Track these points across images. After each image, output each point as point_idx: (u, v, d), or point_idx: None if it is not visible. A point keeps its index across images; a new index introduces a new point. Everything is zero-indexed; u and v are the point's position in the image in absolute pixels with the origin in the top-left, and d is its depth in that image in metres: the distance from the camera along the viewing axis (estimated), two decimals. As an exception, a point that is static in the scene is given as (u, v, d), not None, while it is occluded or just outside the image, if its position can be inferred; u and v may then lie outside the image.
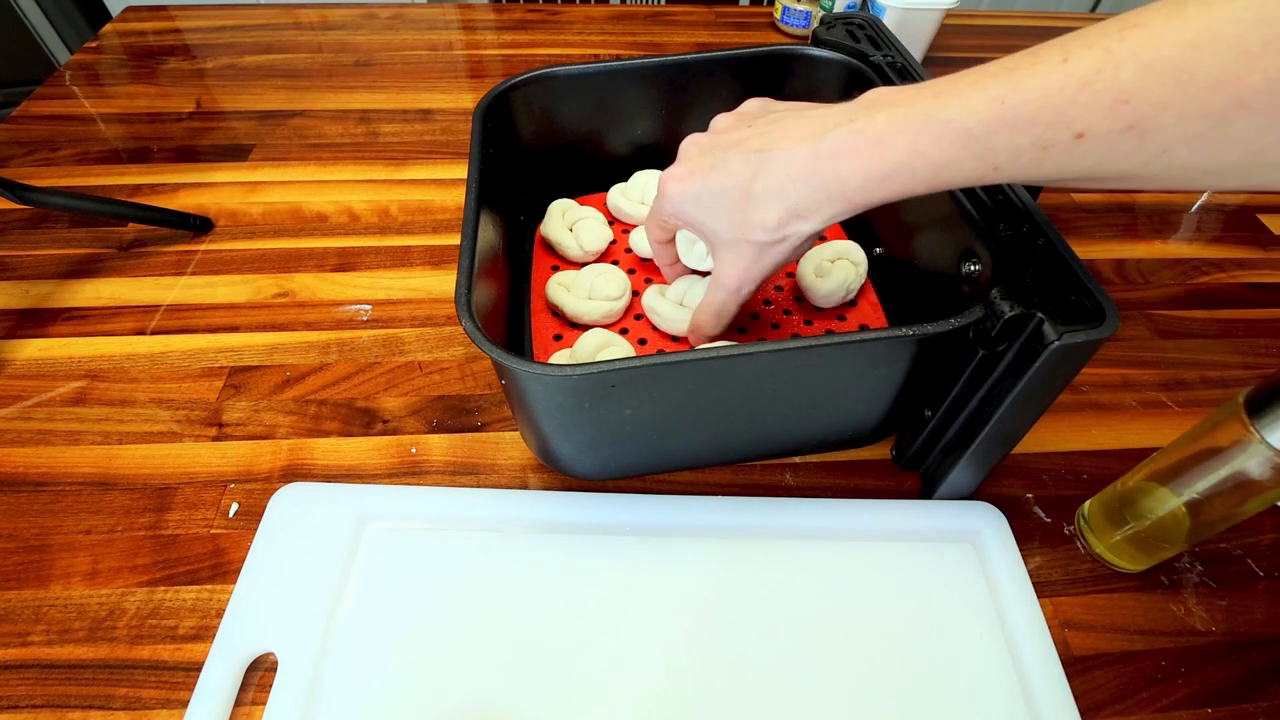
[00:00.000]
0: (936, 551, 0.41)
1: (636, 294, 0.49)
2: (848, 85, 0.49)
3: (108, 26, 0.85)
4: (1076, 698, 0.35)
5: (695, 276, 0.46)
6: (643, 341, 0.46)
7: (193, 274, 0.55)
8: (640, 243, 0.50)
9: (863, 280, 0.48)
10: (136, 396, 0.47)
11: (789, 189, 0.32)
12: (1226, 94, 0.22)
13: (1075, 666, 0.37)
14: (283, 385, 0.48)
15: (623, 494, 0.42)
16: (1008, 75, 0.26)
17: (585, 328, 0.47)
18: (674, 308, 0.45)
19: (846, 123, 0.30)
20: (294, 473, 0.44)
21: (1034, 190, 0.39)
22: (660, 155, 0.55)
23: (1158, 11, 0.23)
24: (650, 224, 0.41)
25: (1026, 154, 0.26)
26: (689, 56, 0.50)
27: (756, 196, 0.32)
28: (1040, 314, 0.31)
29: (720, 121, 0.37)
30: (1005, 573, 0.39)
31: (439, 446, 0.45)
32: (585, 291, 0.46)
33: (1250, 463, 0.32)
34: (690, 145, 0.36)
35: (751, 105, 0.37)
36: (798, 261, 0.49)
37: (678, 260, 0.45)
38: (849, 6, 0.84)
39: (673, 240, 0.43)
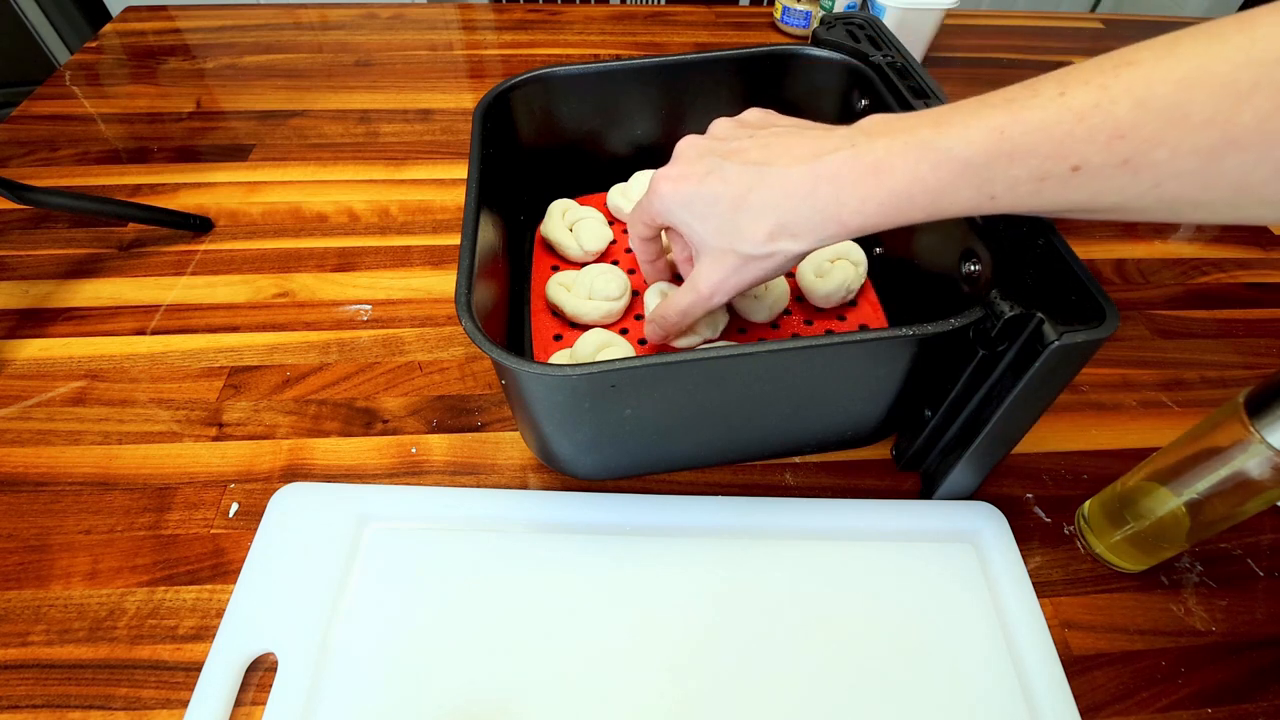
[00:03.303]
0: (936, 551, 0.41)
1: (637, 294, 0.49)
2: (848, 85, 0.49)
3: (108, 26, 0.85)
4: (1076, 698, 0.35)
5: None
6: (642, 341, 0.46)
7: (193, 274, 0.55)
8: (640, 243, 0.50)
9: (863, 280, 0.48)
10: (136, 396, 0.47)
11: (783, 206, 0.31)
12: (1217, 132, 0.23)
13: (1075, 666, 0.37)
14: (283, 385, 0.48)
15: (623, 494, 0.42)
16: (1006, 106, 0.26)
17: (585, 328, 0.47)
18: None
19: (847, 146, 0.30)
20: (294, 473, 0.44)
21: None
22: (660, 155, 0.54)
23: (1151, 50, 0.24)
24: (635, 219, 0.40)
25: (1024, 185, 0.27)
26: (689, 56, 0.50)
27: (750, 208, 0.32)
28: (1040, 314, 0.31)
29: (720, 127, 0.37)
30: (1005, 573, 0.39)
31: (439, 446, 0.45)
32: (585, 292, 0.46)
33: (1250, 463, 0.32)
34: (687, 147, 0.36)
35: (753, 115, 0.37)
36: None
37: (659, 256, 0.44)
38: (849, 6, 0.84)
39: (656, 238, 0.42)
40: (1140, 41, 0.25)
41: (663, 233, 0.42)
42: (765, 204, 0.32)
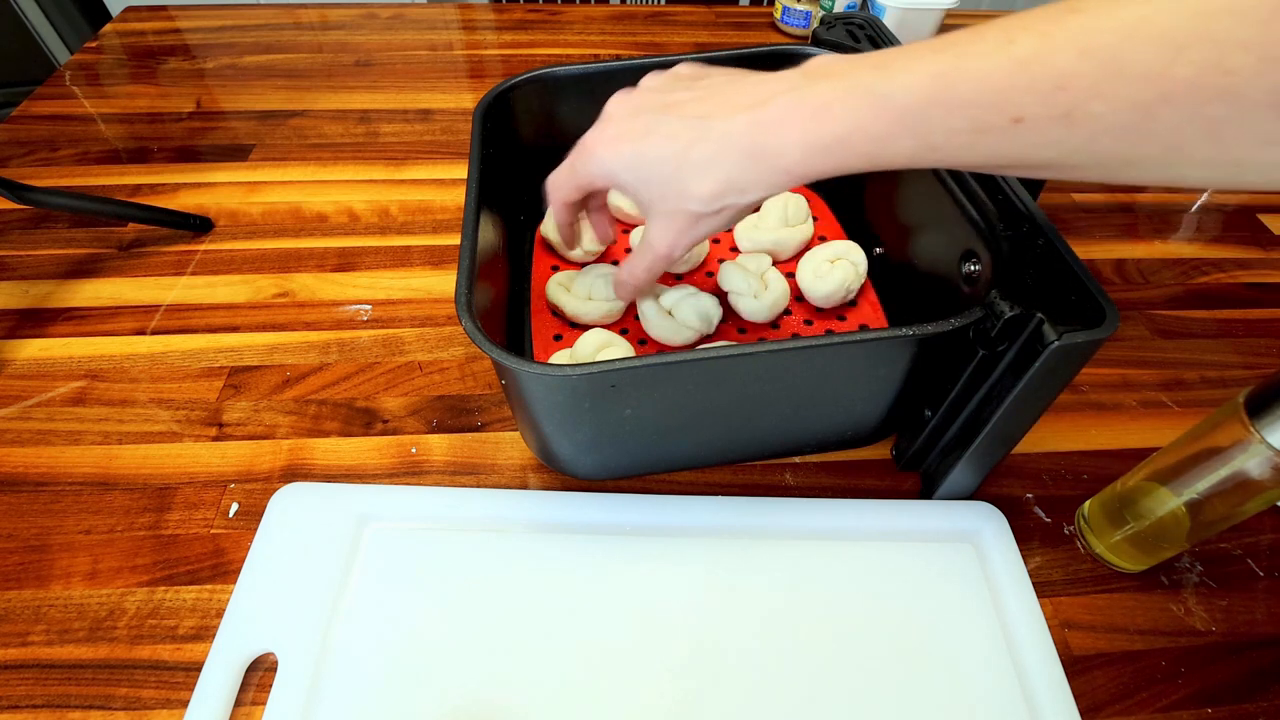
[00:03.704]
0: (936, 551, 0.41)
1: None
2: (848, 85, 0.49)
3: (108, 26, 0.85)
4: (1076, 698, 0.35)
5: (690, 288, 0.46)
6: (642, 342, 0.46)
7: (193, 274, 0.55)
8: (640, 243, 0.50)
9: (863, 280, 0.48)
10: (136, 396, 0.47)
11: (727, 160, 0.30)
12: (1154, 86, 0.22)
13: (1075, 666, 0.37)
14: (283, 385, 0.48)
15: (623, 494, 0.42)
16: (948, 51, 0.25)
17: (585, 328, 0.47)
18: (662, 315, 0.45)
19: (788, 90, 0.29)
20: (294, 473, 0.44)
21: (1034, 190, 0.39)
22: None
23: None
24: (561, 183, 0.38)
25: (962, 136, 0.26)
26: (689, 57, 0.50)
27: (693, 165, 0.31)
28: (1040, 314, 0.31)
29: (652, 79, 0.35)
30: (1005, 573, 0.39)
31: (439, 446, 0.45)
32: (585, 292, 0.46)
33: (1250, 463, 0.32)
34: (617, 106, 0.34)
35: (685, 68, 0.35)
36: (796, 262, 0.49)
37: (577, 222, 0.43)
38: (849, 6, 0.84)
39: (579, 203, 0.41)
40: None
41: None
42: (709, 159, 0.31)
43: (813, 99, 0.28)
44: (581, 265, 0.51)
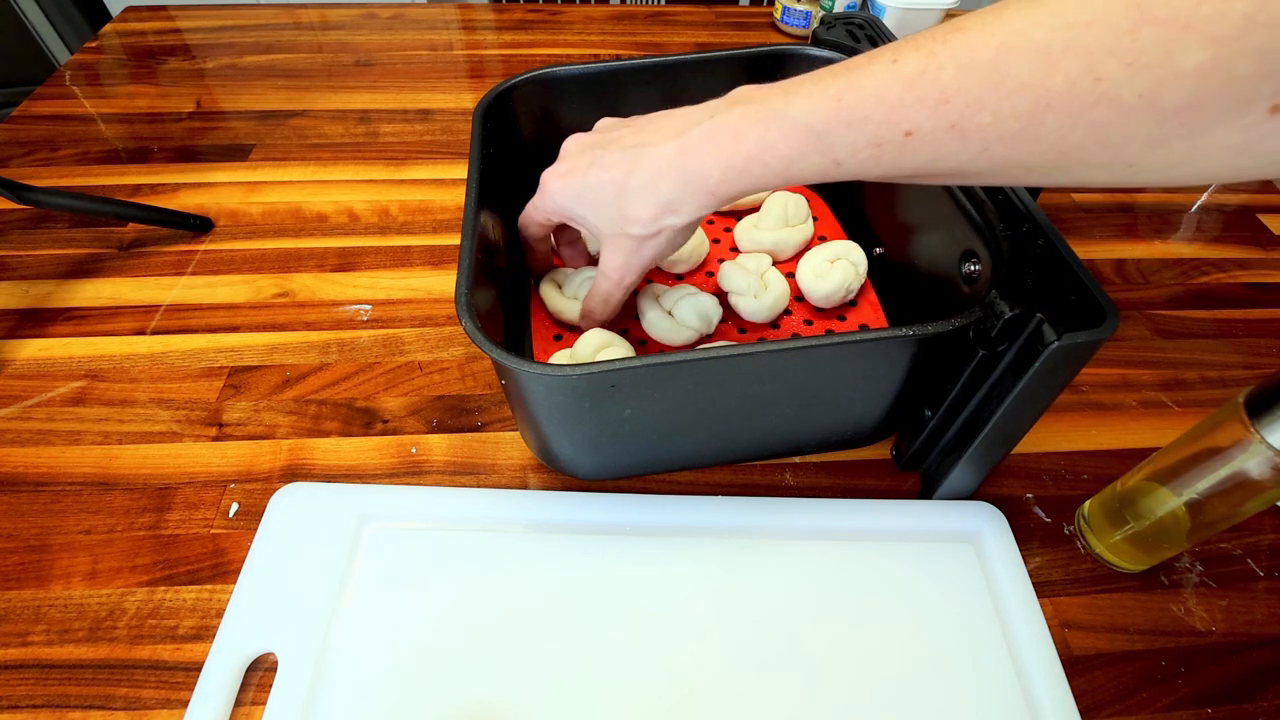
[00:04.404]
0: (936, 551, 0.41)
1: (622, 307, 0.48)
2: (848, 85, 0.49)
3: (108, 26, 0.85)
4: (1076, 698, 0.35)
5: (690, 288, 0.46)
6: (642, 342, 0.46)
7: (193, 274, 0.55)
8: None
9: (863, 280, 0.48)
10: (136, 396, 0.47)
11: (659, 183, 0.33)
12: (1033, 95, 0.23)
13: (1075, 666, 0.37)
14: (283, 385, 0.48)
15: (623, 494, 0.42)
16: (845, 75, 0.27)
17: (575, 327, 0.47)
18: (662, 315, 0.45)
19: (708, 119, 0.31)
20: (294, 473, 0.44)
21: (1034, 190, 0.39)
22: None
23: (979, 16, 0.25)
24: (529, 219, 0.42)
25: (863, 150, 0.27)
26: (689, 56, 0.50)
27: (631, 192, 0.34)
28: (1040, 314, 0.31)
29: (603, 122, 0.38)
30: (1005, 573, 0.39)
31: (439, 446, 0.45)
32: (574, 292, 0.46)
33: (1250, 463, 0.32)
34: (571, 144, 0.38)
35: (637, 117, 0.38)
36: (796, 262, 0.49)
37: (547, 252, 0.47)
38: (849, 6, 0.84)
39: (547, 236, 0.45)
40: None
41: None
42: (644, 184, 0.33)
43: (728, 124, 0.31)
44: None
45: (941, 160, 0.26)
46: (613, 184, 0.34)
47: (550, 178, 0.38)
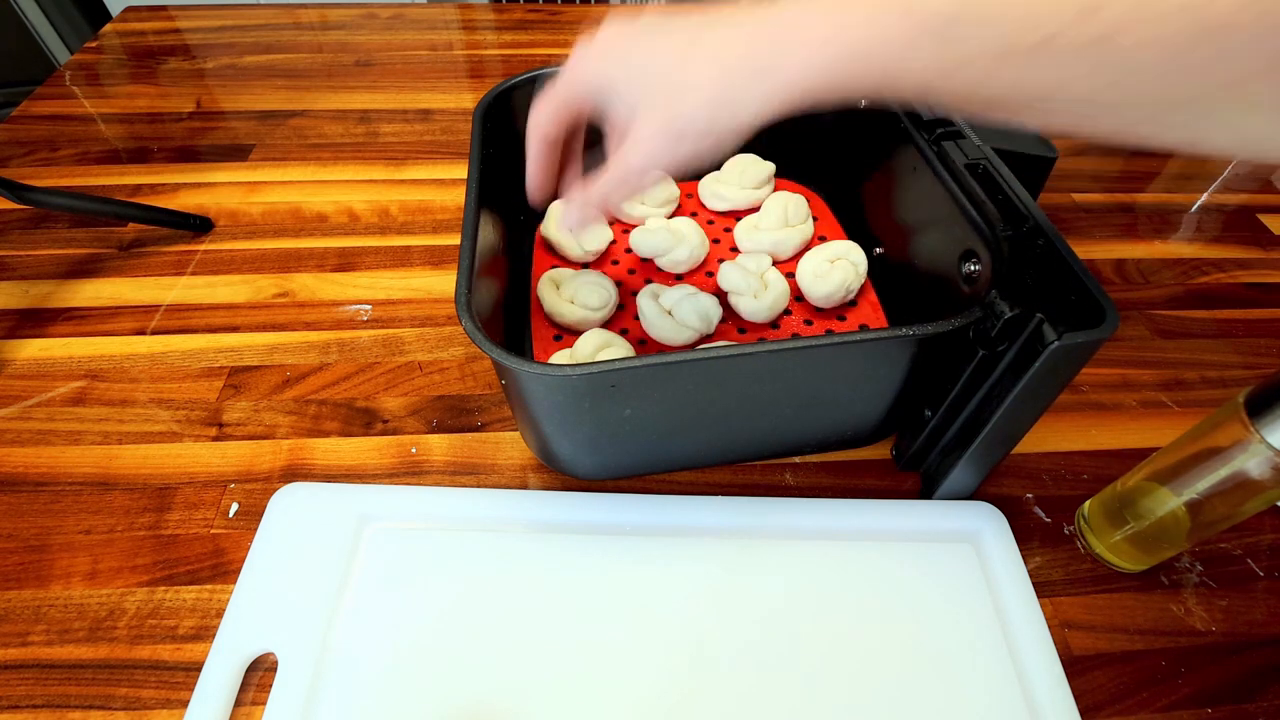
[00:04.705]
0: (936, 551, 0.41)
1: (622, 306, 0.48)
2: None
3: (108, 26, 0.85)
4: (1076, 698, 0.35)
5: (690, 288, 0.46)
6: (642, 342, 0.46)
7: (193, 274, 0.55)
8: (640, 243, 0.50)
9: (863, 280, 0.48)
10: (136, 396, 0.47)
11: (724, 68, 0.28)
12: (1190, 17, 0.20)
13: (1075, 666, 0.37)
14: (283, 385, 0.48)
15: (623, 494, 0.42)
16: None
17: (569, 329, 0.47)
18: (662, 315, 0.45)
19: (790, 11, 0.26)
20: (294, 473, 0.43)
21: (1034, 190, 0.39)
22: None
23: None
24: (541, 110, 0.34)
25: (984, 59, 0.24)
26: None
27: (686, 75, 0.28)
28: (1040, 314, 0.31)
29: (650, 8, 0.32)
30: (1005, 573, 0.39)
31: (439, 446, 0.45)
32: (570, 295, 0.46)
33: (1250, 463, 0.32)
34: (609, 25, 0.32)
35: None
36: (796, 262, 0.49)
37: (555, 164, 0.38)
38: (849, 6, 0.84)
39: (560, 138, 0.36)
40: None
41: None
42: (702, 69, 0.28)
43: (829, 2, 0.26)
44: (582, 265, 0.51)
45: (1064, 86, 0.23)
46: (663, 69, 0.29)
47: (583, 57, 0.32)
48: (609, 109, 0.31)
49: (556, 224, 0.51)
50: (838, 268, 0.47)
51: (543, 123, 0.35)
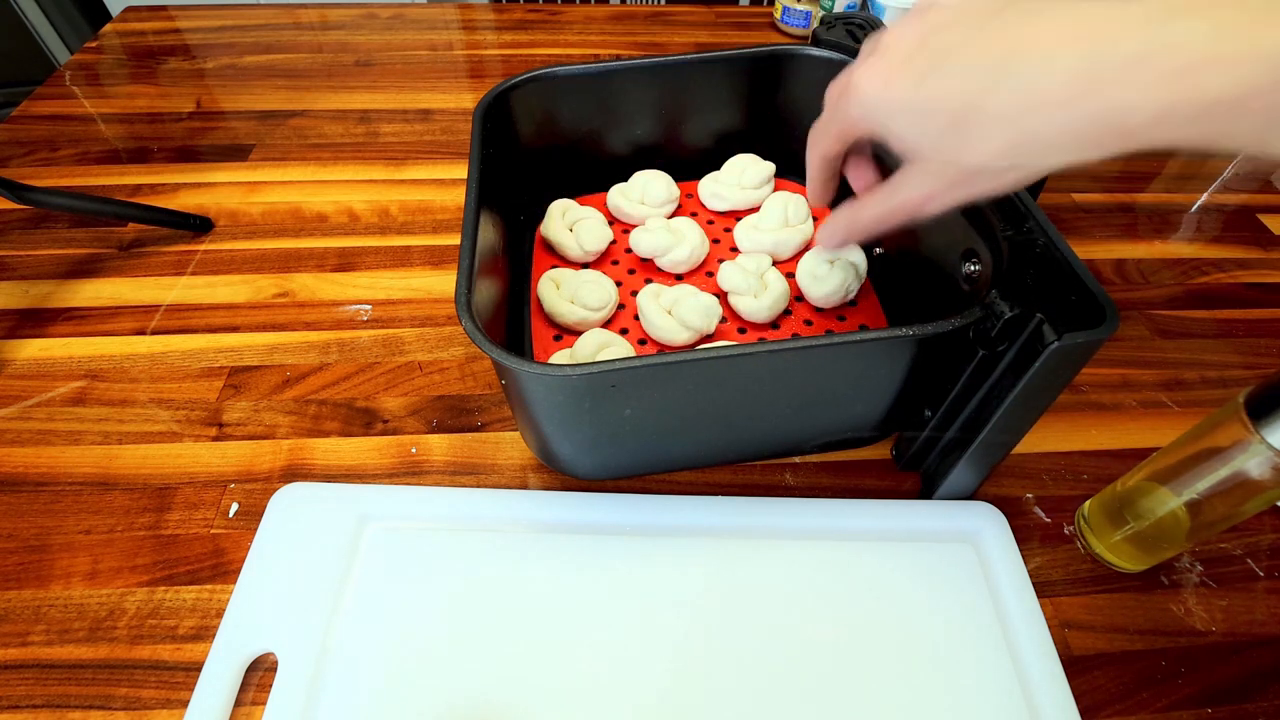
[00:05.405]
0: (936, 551, 0.41)
1: (623, 306, 0.49)
2: (848, 85, 0.49)
3: (108, 26, 0.85)
4: (1076, 698, 0.35)
5: (690, 288, 0.46)
6: (642, 342, 0.46)
7: (193, 274, 0.55)
8: (640, 242, 0.50)
9: (862, 280, 0.48)
10: (136, 396, 0.47)
11: (1035, 113, 0.24)
12: None
13: (1075, 666, 0.37)
14: (283, 385, 0.48)
15: (623, 494, 0.42)
16: None
17: (568, 329, 0.47)
18: (662, 315, 0.45)
19: (1139, 29, 0.21)
20: (294, 473, 0.44)
21: (1034, 190, 0.39)
22: (660, 155, 0.55)
23: None
24: (822, 133, 0.33)
25: None
26: (689, 56, 0.50)
27: (984, 116, 0.25)
28: (1040, 314, 0.31)
29: (937, 10, 0.27)
30: (1005, 573, 0.39)
31: (439, 446, 0.45)
32: (570, 295, 0.46)
33: (1250, 463, 0.32)
34: (895, 39, 0.28)
35: None
36: (796, 262, 0.49)
37: (836, 178, 0.36)
38: (849, 6, 0.84)
39: (840, 155, 0.34)
40: None
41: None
42: (1004, 113, 0.24)
43: (1181, 54, 0.20)
44: (582, 265, 0.51)
45: None
46: (960, 100, 0.25)
47: (865, 78, 0.28)
48: (889, 139, 0.29)
49: (555, 224, 0.51)
50: (837, 268, 0.47)
51: (820, 142, 0.33)
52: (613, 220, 0.54)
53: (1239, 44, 0.20)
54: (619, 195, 0.54)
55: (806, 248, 0.51)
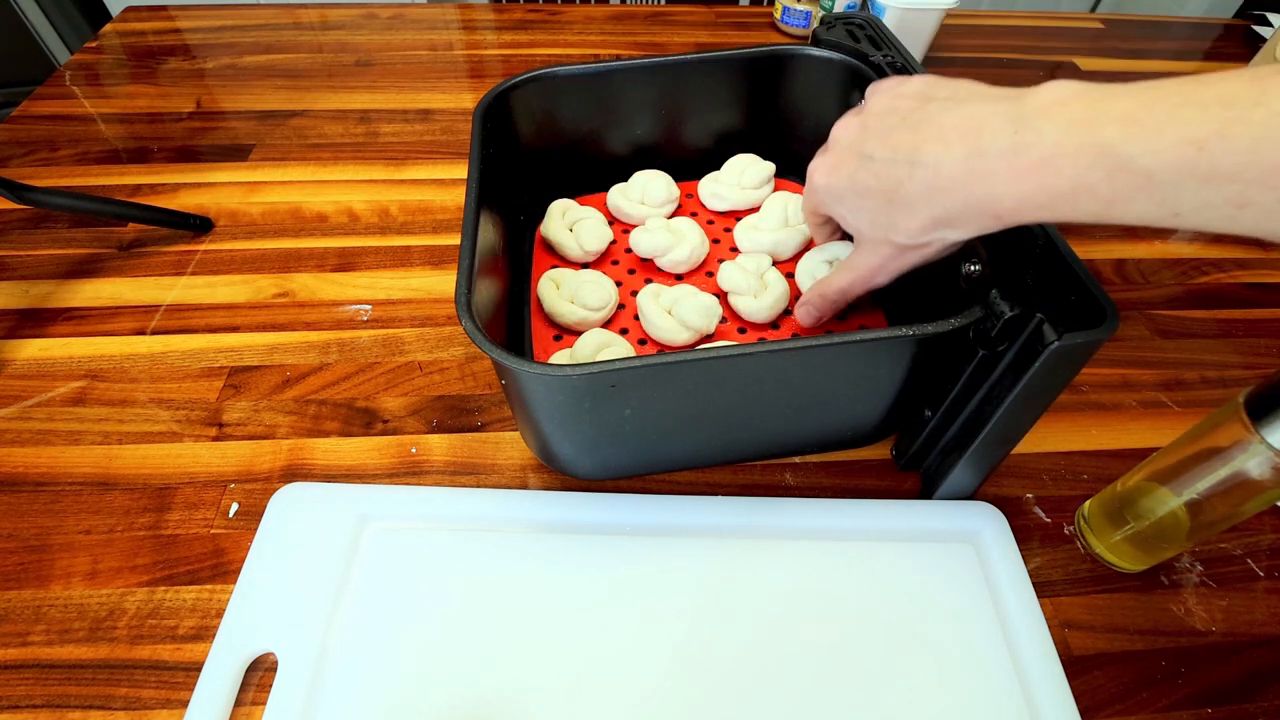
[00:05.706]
0: (936, 551, 0.41)
1: (623, 306, 0.49)
2: (848, 85, 0.49)
3: (108, 26, 0.85)
4: (1076, 698, 0.35)
5: (690, 288, 0.46)
6: (642, 342, 0.46)
7: (193, 274, 0.55)
8: (640, 242, 0.50)
9: (863, 280, 0.48)
10: (136, 396, 0.47)
11: (935, 199, 0.29)
12: None
13: (1075, 666, 0.37)
14: (283, 385, 0.48)
15: (623, 494, 0.42)
16: (1219, 112, 0.21)
17: (568, 329, 0.47)
18: (662, 315, 0.45)
19: (1009, 134, 0.26)
20: (294, 473, 0.44)
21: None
22: (660, 155, 0.55)
23: None
24: (805, 209, 0.44)
25: (1217, 209, 0.22)
26: (689, 56, 0.50)
27: (902, 202, 0.31)
28: (1040, 314, 0.31)
29: (876, 101, 0.34)
30: (1005, 573, 0.39)
31: (439, 446, 0.45)
32: (570, 295, 0.46)
33: (1250, 463, 0.32)
34: (841, 133, 0.35)
35: (914, 85, 0.33)
36: (796, 262, 0.49)
37: (835, 234, 0.46)
38: (849, 6, 0.84)
39: (829, 221, 0.43)
40: None
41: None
42: (918, 198, 0.30)
43: (1036, 151, 0.25)
44: (582, 265, 0.51)
45: None
46: (881, 192, 0.32)
47: (815, 171, 0.36)
48: (840, 220, 0.37)
49: (555, 224, 0.51)
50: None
51: (807, 219, 0.45)
52: (613, 220, 0.54)
53: (1081, 154, 0.24)
54: (619, 195, 0.54)
55: (806, 248, 0.51)
